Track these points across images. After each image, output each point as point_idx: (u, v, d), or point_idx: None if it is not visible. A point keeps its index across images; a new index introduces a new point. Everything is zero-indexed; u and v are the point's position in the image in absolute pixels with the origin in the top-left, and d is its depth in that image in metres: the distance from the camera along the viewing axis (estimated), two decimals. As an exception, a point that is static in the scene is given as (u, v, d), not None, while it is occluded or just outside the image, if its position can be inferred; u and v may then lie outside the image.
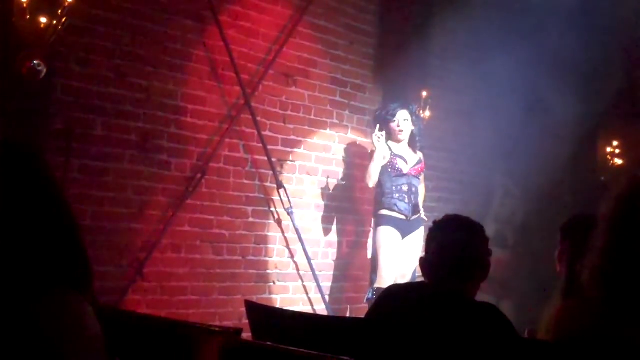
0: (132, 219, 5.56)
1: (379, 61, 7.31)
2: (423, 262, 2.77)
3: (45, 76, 4.83)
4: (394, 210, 6.35)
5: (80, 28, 5.17)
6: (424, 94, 6.99)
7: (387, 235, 6.32)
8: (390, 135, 6.44)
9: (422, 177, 6.65)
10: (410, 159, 6.49)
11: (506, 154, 7.88)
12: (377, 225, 6.48)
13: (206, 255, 6.03)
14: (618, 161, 7.88)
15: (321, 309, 6.58)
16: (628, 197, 1.94)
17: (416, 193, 6.46)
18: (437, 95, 7.16)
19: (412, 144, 6.56)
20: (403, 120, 6.44)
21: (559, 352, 1.91)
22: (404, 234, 6.36)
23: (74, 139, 5.10)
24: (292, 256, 6.60)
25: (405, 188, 6.37)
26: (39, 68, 4.75)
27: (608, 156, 7.93)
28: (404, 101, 6.60)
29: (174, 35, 5.76)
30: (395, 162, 6.39)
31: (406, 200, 6.36)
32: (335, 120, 6.90)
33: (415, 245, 6.35)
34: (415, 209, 6.42)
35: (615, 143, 7.90)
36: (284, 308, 5.87)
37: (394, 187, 6.37)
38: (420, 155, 6.59)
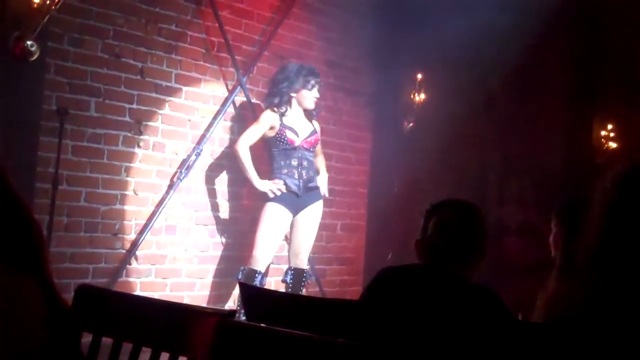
0: (126, 200, 5.55)
1: (373, 43, 7.28)
2: (419, 244, 2.76)
3: (39, 56, 4.80)
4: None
5: (73, 8, 5.15)
6: (419, 76, 6.97)
7: (271, 213, 5.76)
8: (299, 102, 5.88)
9: (318, 148, 6.10)
10: (302, 130, 5.90)
11: (500, 135, 7.87)
12: (264, 200, 5.83)
13: (200, 238, 6.03)
14: (613, 145, 7.88)
15: (315, 292, 6.59)
16: (626, 181, 1.93)
17: (308, 167, 5.89)
18: (432, 77, 7.14)
19: (308, 112, 5.99)
20: (317, 90, 5.90)
21: (552, 333, 1.91)
22: (296, 210, 5.86)
23: (68, 120, 5.07)
24: (286, 239, 6.60)
25: (294, 162, 5.83)
26: (32, 48, 4.73)
27: (603, 140, 7.92)
28: (313, 67, 6.02)
29: (168, 16, 5.73)
30: (284, 134, 5.81)
31: (295, 176, 5.83)
32: (329, 103, 6.86)
33: (309, 220, 5.92)
34: (306, 184, 5.87)
35: (610, 126, 7.89)
36: (278, 290, 5.88)
37: (282, 162, 5.82)
38: (315, 125, 6.04)
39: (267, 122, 5.83)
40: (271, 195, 5.75)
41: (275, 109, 5.84)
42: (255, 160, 5.84)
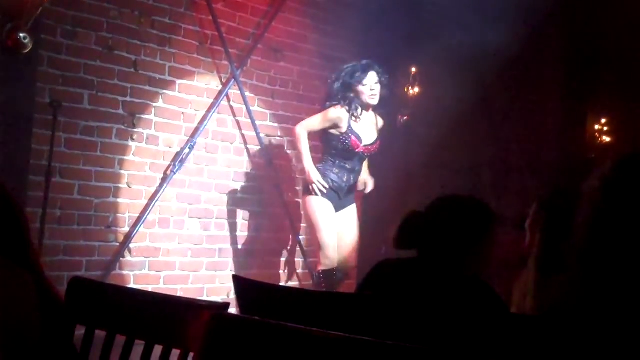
0: (119, 193, 5.54)
1: (368, 37, 7.26)
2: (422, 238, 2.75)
3: (32, 49, 4.79)
4: (328, 184, 5.66)
5: (67, 0, 5.12)
6: (413, 69, 6.96)
7: (320, 207, 5.65)
8: (357, 103, 5.70)
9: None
10: (367, 136, 5.78)
11: (495, 130, 7.87)
12: (306, 192, 5.75)
13: (194, 231, 6.02)
14: (607, 139, 7.90)
15: (309, 285, 6.58)
16: (612, 180, 1.93)
17: (358, 173, 5.82)
18: (427, 71, 7.13)
19: (373, 112, 5.87)
20: (374, 83, 5.71)
21: (547, 327, 1.91)
22: (337, 209, 5.74)
23: (61, 113, 5.06)
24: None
25: (349, 166, 5.73)
26: (25, 41, 4.72)
27: (597, 134, 7.94)
28: (368, 61, 5.86)
29: (162, 9, 5.71)
30: (350, 138, 5.67)
31: (344, 179, 5.73)
32: (322, 96, 6.82)
33: (351, 219, 5.86)
34: (350, 189, 5.81)
35: (603, 121, 7.91)
36: (271, 283, 5.87)
37: (337, 161, 5.71)
38: (379, 123, 5.90)
39: (333, 119, 5.68)
40: (317, 193, 5.63)
41: (347, 108, 5.68)
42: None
